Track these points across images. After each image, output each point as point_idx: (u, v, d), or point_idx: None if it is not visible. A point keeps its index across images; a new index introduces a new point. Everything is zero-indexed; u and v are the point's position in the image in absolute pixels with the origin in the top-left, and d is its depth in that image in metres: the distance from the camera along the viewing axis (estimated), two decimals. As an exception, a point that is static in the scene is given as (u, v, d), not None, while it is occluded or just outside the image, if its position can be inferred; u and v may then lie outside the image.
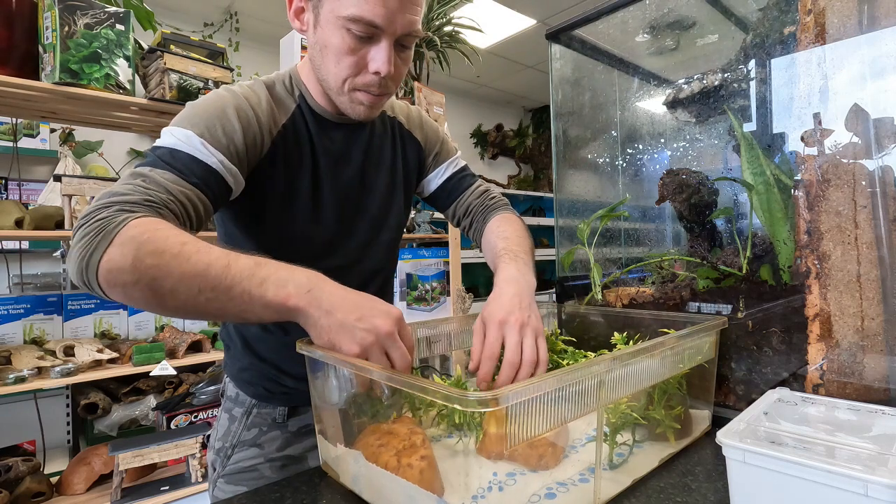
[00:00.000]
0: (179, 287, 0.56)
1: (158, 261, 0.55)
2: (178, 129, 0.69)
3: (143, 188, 0.62)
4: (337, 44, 0.71)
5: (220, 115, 0.72)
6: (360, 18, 0.68)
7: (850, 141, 0.79)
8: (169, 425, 2.05)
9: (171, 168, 0.66)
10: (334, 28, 0.70)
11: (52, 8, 1.57)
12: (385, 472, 0.59)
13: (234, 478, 0.90)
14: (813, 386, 0.79)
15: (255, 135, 0.75)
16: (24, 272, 2.67)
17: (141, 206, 0.60)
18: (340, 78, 0.74)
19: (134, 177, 0.64)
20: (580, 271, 1.27)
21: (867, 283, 0.76)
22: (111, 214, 0.58)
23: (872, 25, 0.80)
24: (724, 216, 1.14)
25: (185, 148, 0.68)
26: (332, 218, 0.85)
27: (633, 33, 1.38)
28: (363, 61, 0.73)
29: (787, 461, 0.50)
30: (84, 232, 0.57)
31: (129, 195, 0.61)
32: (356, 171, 0.88)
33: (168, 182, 0.64)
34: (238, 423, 0.92)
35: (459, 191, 1.02)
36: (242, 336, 0.91)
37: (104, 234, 0.56)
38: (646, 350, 0.65)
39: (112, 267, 0.55)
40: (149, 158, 0.68)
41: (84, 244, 0.56)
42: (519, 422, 0.50)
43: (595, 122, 1.48)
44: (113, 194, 0.61)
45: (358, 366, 0.59)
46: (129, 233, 0.56)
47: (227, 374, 0.96)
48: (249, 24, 3.79)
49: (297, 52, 2.04)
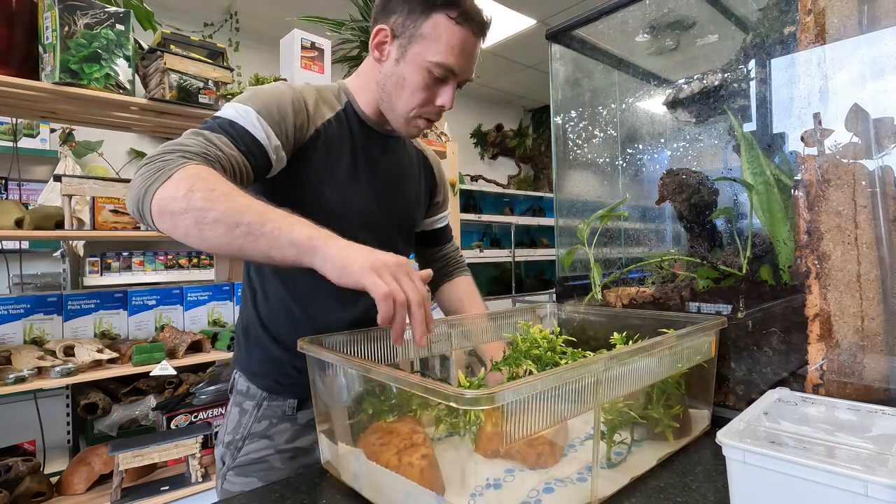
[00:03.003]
0: (221, 219, 0.64)
1: (208, 195, 0.64)
2: (240, 105, 0.81)
3: (204, 143, 0.73)
4: (417, 80, 0.86)
5: (277, 98, 0.84)
6: (444, 65, 0.85)
7: (850, 141, 0.79)
8: (169, 425, 2.05)
9: (226, 134, 0.77)
10: (418, 68, 0.86)
11: (52, 8, 1.57)
12: (386, 471, 0.59)
13: (245, 469, 0.93)
14: (813, 386, 0.79)
15: (303, 120, 0.87)
16: (24, 272, 2.67)
17: (199, 156, 0.71)
18: (410, 107, 0.89)
19: (195, 135, 0.75)
20: (580, 271, 1.27)
21: (867, 283, 0.76)
22: (173, 158, 0.68)
23: (872, 25, 0.80)
24: (724, 216, 1.14)
25: (241, 122, 0.79)
26: (360, 211, 0.93)
27: (633, 33, 1.38)
28: (433, 96, 0.89)
29: (787, 461, 0.50)
30: (146, 170, 0.68)
31: (190, 147, 0.71)
32: (388, 174, 0.99)
33: (222, 144, 0.75)
34: (249, 416, 0.95)
35: (445, 239, 1.21)
36: (259, 318, 0.96)
37: (164, 171, 0.67)
38: (643, 349, 0.65)
39: (166, 195, 0.65)
40: (209, 124, 0.79)
41: (144, 177, 0.67)
42: (515, 420, 0.50)
43: (595, 122, 1.48)
44: (176, 144, 0.72)
45: (358, 365, 0.59)
46: (186, 172, 0.66)
47: (238, 370, 1.00)
48: (249, 24, 3.79)
49: (297, 52, 2.04)
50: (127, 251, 2.99)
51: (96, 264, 2.84)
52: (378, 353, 0.80)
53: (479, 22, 0.88)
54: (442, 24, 0.84)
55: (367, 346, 0.79)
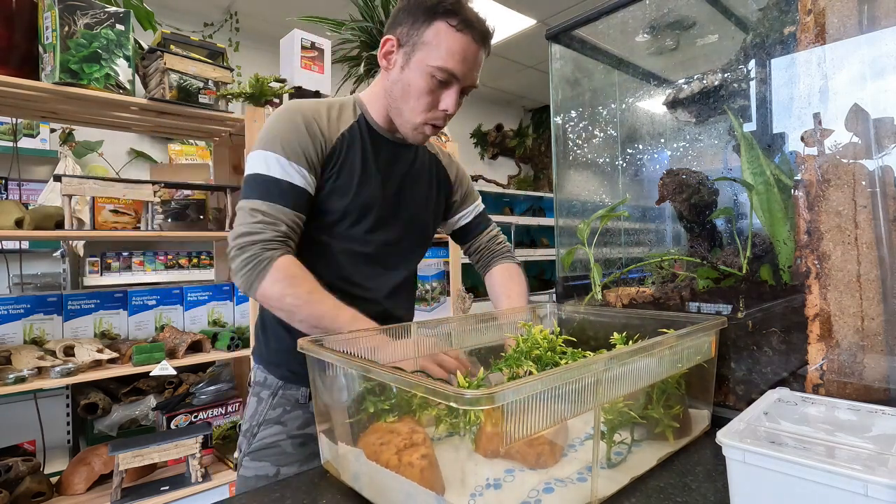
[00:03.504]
0: (305, 320, 0.88)
1: (295, 301, 0.87)
2: (270, 155, 0.91)
3: (270, 225, 0.88)
4: (421, 85, 0.92)
5: (294, 132, 0.92)
6: (445, 69, 0.90)
7: (850, 141, 0.79)
8: (169, 425, 2.05)
9: (277, 199, 0.90)
10: (422, 72, 0.91)
11: (52, 8, 1.57)
12: (386, 471, 0.59)
13: (259, 454, 1.00)
14: (813, 386, 0.79)
15: (320, 142, 0.95)
16: (24, 272, 2.67)
17: (276, 242, 0.88)
18: (416, 111, 0.94)
19: (253, 213, 0.88)
20: (580, 271, 1.28)
21: (867, 283, 0.76)
22: (257, 252, 0.86)
23: (872, 25, 0.80)
24: (724, 216, 1.14)
25: (280, 175, 0.90)
26: (374, 215, 1.00)
27: (633, 33, 1.38)
28: (436, 101, 0.94)
29: (788, 461, 0.50)
30: (242, 263, 0.87)
31: (264, 235, 0.87)
32: (398, 180, 1.05)
33: (280, 214, 0.90)
34: (265, 404, 1.02)
35: (477, 232, 1.25)
36: (275, 317, 1.00)
37: (258, 268, 0.86)
38: (643, 349, 0.65)
39: (266, 296, 0.88)
40: (257, 190, 0.90)
41: (246, 274, 0.87)
42: (515, 420, 0.50)
43: (595, 122, 1.48)
44: (251, 235, 0.87)
45: (358, 365, 0.59)
46: (276, 274, 0.86)
47: (256, 361, 1.08)
48: (249, 24, 3.79)
49: (297, 52, 2.04)
50: (127, 251, 2.99)
51: (96, 264, 2.84)
52: (377, 353, 0.80)
53: (480, 31, 0.92)
54: (443, 30, 0.90)
55: (367, 345, 0.79)
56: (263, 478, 0.98)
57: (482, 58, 0.96)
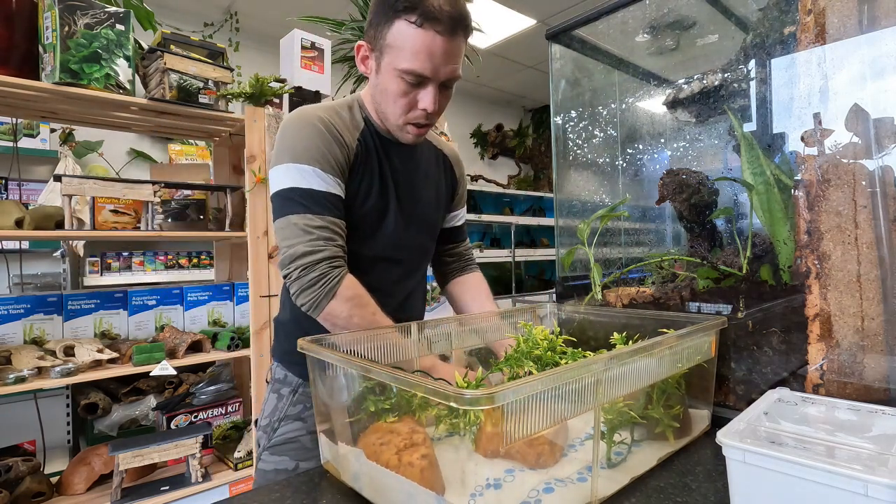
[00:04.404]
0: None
1: (362, 323, 0.88)
2: (303, 166, 0.89)
3: (325, 239, 0.88)
4: (394, 89, 0.89)
5: (318, 140, 0.91)
6: (412, 71, 0.86)
7: (850, 141, 0.79)
8: (169, 425, 2.05)
9: (323, 209, 0.89)
10: (392, 76, 0.88)
11: (52, 8, 1.57)
12: (386, 471, 0.59)
13: (279, 448, 1.02)
14: (813, 386, 0.79)
15: (345, 150, 0.94)
16: (24, 272, 2.67)
17: (336, 259, 0.89)
18: (396, 114, 0.93)
19: (307, 231, 0.88)
20: (580, 271, 1.28)
21: (867, 283, 0.76)
22: (325, 270, 0.87)
23: (872, 25, 0.80)
24: (724, 216, 1.14)
25: (317, 186, 0.89)
26: (391, 216, 1.00)
27: (633, 33, 1.38)
28: (414, 101, 0.91)
29: (788, 461, 0.50)
30: (308, 283, 0.87)
31: (324, 251, 0.88)
32: (410, 180, 1.05)
33: (330, 224, 0.90)
34: (285, 401, 1.04)
35: (461, 237, 1.26)
36: (294, 312, 1.02)
37: (328, 290, 0.87)
38: (643, 349, 0.65)
39: (333, 315, 0.88)
40: (303, 205, 0.88)
41: (314, 294, 0.87)
42: (515, 420, 0.50)
43: (595, 122, 1.48)
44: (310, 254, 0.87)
45: (358, 365, 0.59)
46: (344, 293, 0.88)
47: (276, 359, 1.10)
48: (249, 24, 3.79)
49: (297, 52, 2.04)
50: (127, 251, 2.99)
51: (96, 264, 2.84)
52: (378, 353, 0.80)
53: (447, 20, 0.84)
54: (403, 30, 0.85)
55: (367, 345, 0.79)
56: (283, 471, 0.99)
57: (458, 46, 0.88)
